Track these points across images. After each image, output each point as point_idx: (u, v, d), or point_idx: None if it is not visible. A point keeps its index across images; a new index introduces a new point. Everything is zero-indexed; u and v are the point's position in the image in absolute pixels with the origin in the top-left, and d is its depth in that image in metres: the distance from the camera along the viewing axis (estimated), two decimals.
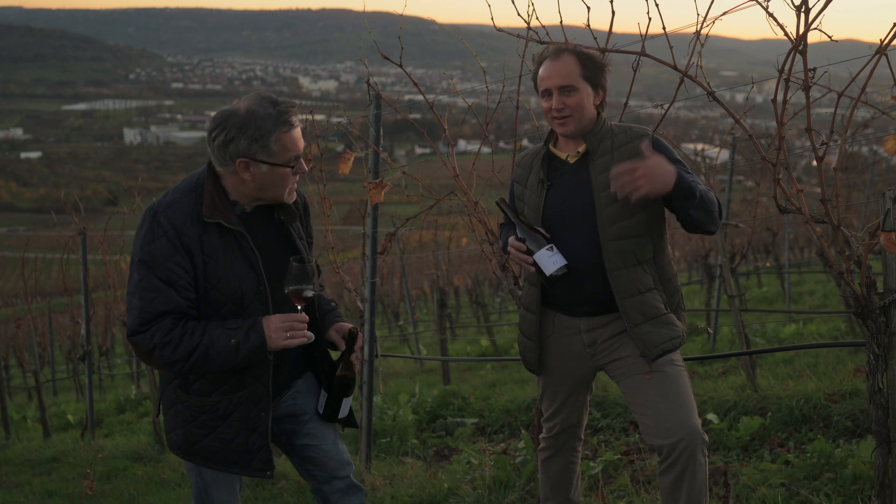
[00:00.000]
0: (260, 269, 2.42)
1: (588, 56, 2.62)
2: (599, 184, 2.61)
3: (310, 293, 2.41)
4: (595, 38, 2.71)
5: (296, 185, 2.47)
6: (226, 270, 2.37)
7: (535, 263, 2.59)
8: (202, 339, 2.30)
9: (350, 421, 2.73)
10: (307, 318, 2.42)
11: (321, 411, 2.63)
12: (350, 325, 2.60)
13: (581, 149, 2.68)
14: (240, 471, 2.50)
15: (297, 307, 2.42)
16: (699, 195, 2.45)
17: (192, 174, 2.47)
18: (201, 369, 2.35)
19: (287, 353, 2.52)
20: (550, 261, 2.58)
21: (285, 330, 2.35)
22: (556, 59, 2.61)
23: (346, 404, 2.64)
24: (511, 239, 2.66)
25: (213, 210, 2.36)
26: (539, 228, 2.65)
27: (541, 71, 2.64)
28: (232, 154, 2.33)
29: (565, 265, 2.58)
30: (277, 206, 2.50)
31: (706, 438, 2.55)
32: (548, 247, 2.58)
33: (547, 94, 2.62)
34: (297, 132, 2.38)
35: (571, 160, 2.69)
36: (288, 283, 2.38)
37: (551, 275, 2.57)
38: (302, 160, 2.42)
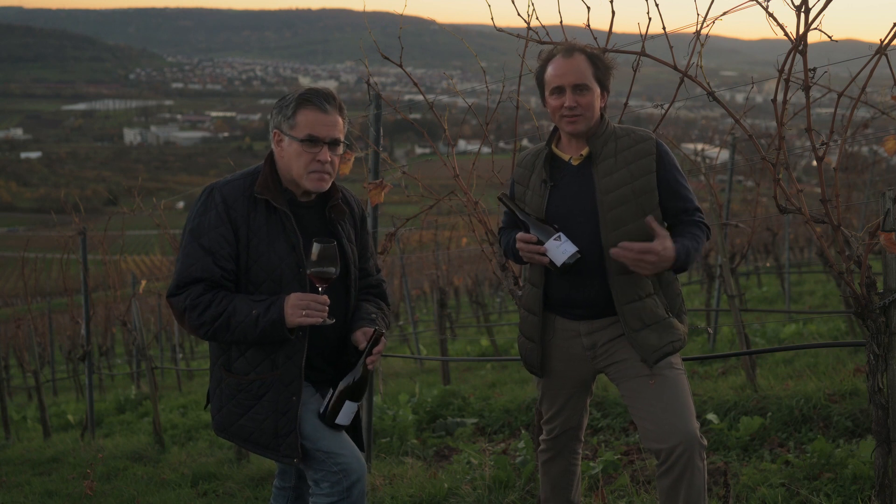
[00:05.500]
0: (300, 251, 2.52)
1: (598, 57, 2.62)
2: (603, 187, 2.61)
3: (331, 275, 2.45)
4: (595, 38, 2.71)
5: (325, 176, 2.53)
6: (267, 248, 2.50)
7: (545, 254, 2.58)
8: (227, 308, 2.43)
9: (356, 439, 2.69)
10: (327, 299, 2.47)
11: (321, 411, 2.57)
12: (374, 328, 2.61)
13: (584, 151, 2.67)
14: (270, 455, 2.55)
15: (318, 288, 2.48)
16: (686, 262, 2.54)
17: (254, 165, 2.66)
18: (223, 336, 2.46)
19: (321, 343, 2.59)
20: (560, 250, 2.55)
21: (301, 308, 2.42)
22: (569, 57, 2.60)
23: (349, 410, 2.55)
24: (519, 234, 2.65)
25: (264, 188, 2.52)
26: (545, 220, 2.63)
27: (551, 69, 2.63)
28: (270, 127, 2.58)
29: (576, 252, 2.55)
30: (329, 203, 2.62)
31: (704, 443, 2.54)
32: (556, 236, 2.57)
33: (558, 91, 2.61)
34: (324, 118, 2.50)
35: (575, 162, 2.69)
36: (308, 263, 2.44)
37: (563, 263, 2.55)
38: (326, 150, 2.50)
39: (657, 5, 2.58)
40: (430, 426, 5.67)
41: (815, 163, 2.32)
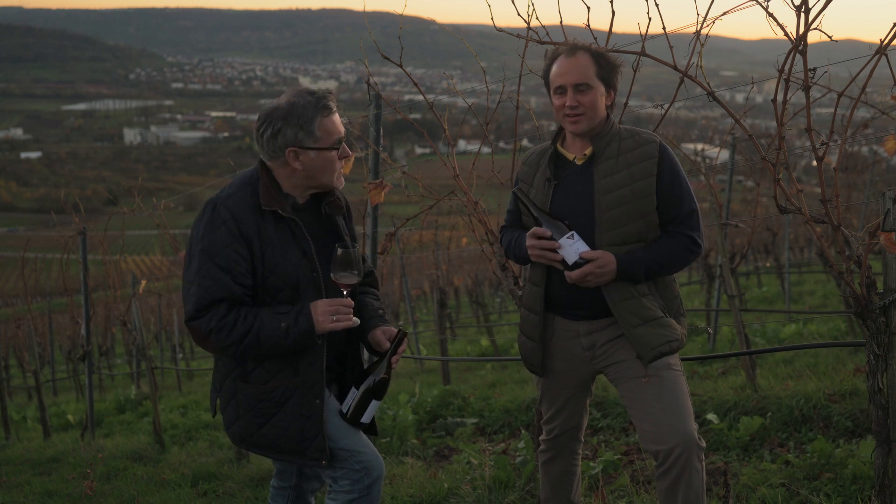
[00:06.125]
0: (313, 255, 2.53)
1: (602, 55, 2.62)
2: (602, 188, 2.61)
3: (354, 279, 2.48)
4: (595, 38, 2.71)
5: (343, 170, 2.59)
6: (282, 257, 2.49)
7: (558, 252, 2.57)
8: (254, 324, 2.42)
9: (371, 429, 2.74)
10: (352, 302, 2.52)
11: (345, 411, 2.61)
12: (398, 329, 2.65)
13: (588, 151, 2.67)
14: (296, 459, 2.55)
15: (342, 292, 2.51)
16: (644, 273, 2.58)
17: (245, 171, 2.62)
18: (253, 352, 2.46)
19: (334, 344, 2.62)
20: (573, 249, 2.55)
21: (331, 314, 2.45)
22: (572, 56, 2.61)
23: (372, 409, 2.62)
24: (533, 229, 2.64)
25: (269, 199, 2.50)
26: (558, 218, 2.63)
27: (555, 68, 2.63)
28: (280, 145, 2.47)
29: (588, 251, 2.56)
30: (325, 200, 2.62)
31: (702, 444, 2.54)
32: (569, 235, 2.57)
33: (561, 90, 2.61)
34: (337, 117, 2.53)
35: (578, 161, 2.69)
36: (333, 268, 2.47)
37: (575, 263, 2.55)
38: (345, 144, 2.54)
39: (657, 5, 2.58)
40: (430, 426, 5.67)
41: (815, 163, 2.32)
